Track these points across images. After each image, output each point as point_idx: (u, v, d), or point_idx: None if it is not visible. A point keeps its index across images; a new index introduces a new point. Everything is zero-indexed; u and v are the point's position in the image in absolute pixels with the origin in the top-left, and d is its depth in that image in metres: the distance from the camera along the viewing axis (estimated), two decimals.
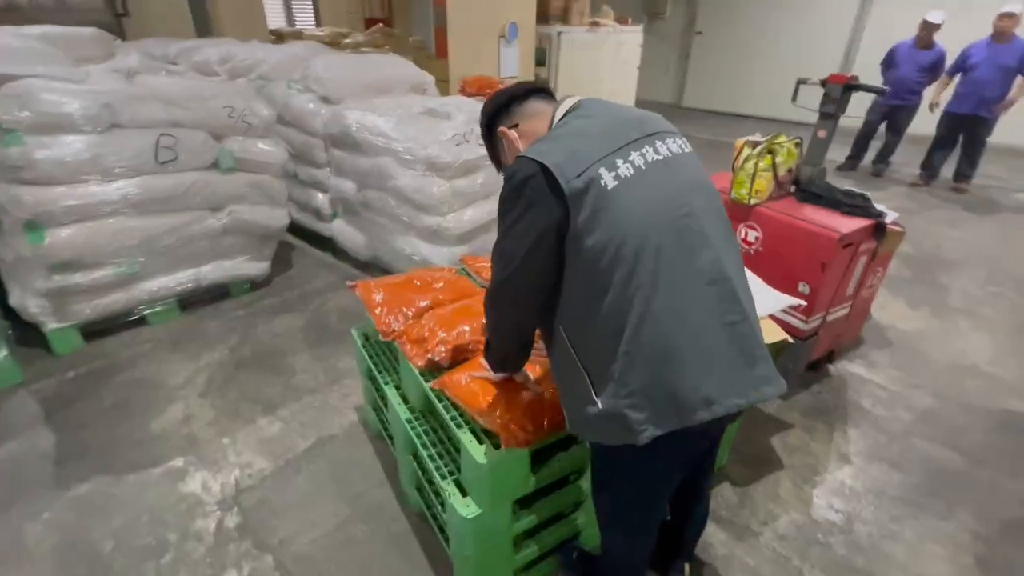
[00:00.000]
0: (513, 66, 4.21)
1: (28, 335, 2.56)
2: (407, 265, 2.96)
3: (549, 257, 0.98)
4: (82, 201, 2.34)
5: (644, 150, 0.99)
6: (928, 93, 5.19)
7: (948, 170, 5.37)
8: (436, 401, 1.42)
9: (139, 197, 2.48)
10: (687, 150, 1.07)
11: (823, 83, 2.25)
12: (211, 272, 2.91)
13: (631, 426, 0.96)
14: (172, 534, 1.73)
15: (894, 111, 5.36)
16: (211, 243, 2.84)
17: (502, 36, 3.98)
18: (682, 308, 0.94)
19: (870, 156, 5.82)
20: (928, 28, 4.99)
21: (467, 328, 1.53)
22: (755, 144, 2.21)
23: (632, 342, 0.94)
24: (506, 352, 1.26)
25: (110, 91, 2.39)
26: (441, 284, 1.85)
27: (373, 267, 3.33)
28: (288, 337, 2.77)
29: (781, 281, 2.17)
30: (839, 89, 2.18)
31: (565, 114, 1.08)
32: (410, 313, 1.68)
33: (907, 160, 5.95)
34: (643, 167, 0.97)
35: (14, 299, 2.45)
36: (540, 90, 1.17)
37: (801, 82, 2.38)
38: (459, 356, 1.50)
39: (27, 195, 2.23)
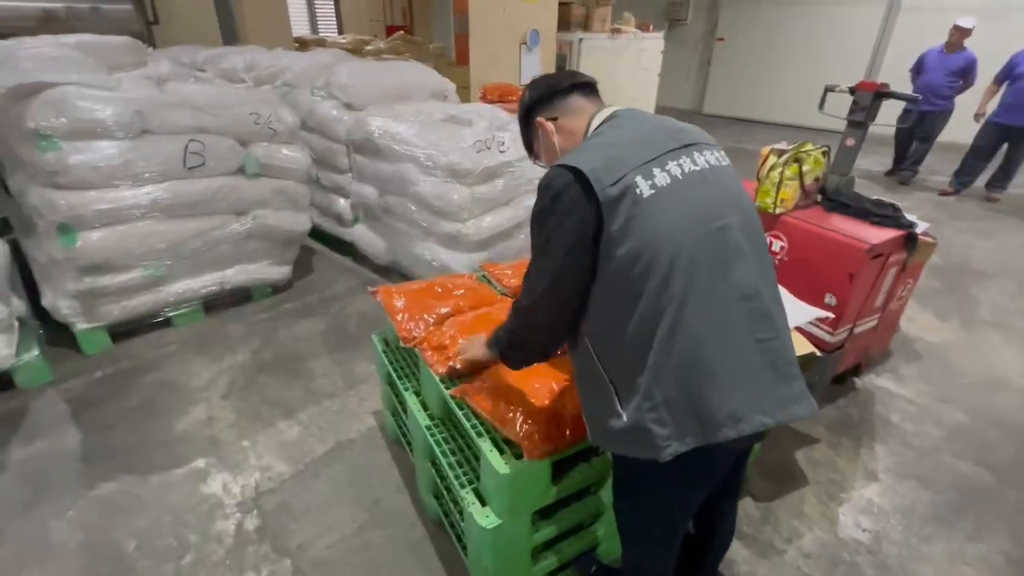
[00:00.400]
0: (534, 72, 4.21)
1: (59, 335, 2.63)
2: (426, 270, 2.98)
3: (584, 266, 0.97)
4: (113, 205, 2.40)
5: (682, 160, 0.98)
6: (960, 100, 5.08)
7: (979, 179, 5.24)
8: (456, 409, 1.41)
9: (167, 201, 2.53)
10: (724, 163, 1.06)
11: (852, 90, 2.21)
12: (235, 276, 2.95)
13: (655, 441, 0.94)
14: (193, 535, 1.75)
15: (924, 117, 5.26)
16: (235, 247, 2.88)
17: (523, 43, 3.99)
18: (713, 321, 0.93)
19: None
20: (959, 33, 4.89)
21: None
22: (781, 152, 2.17)
23: (661, 353, 0.92)
24: (525, 359, 1.21)
25: (141, 98, 2.45)
26: (462, 291, 1.85)
27: (392, 272, 3.35)
28: (308, 341, 2.79)
29: (807, 292, 2.13)
30: (869, 97, 2.14)
31: (601, 123, 1.08)
32: (431, 320, 1.68)
33: (934, 168, 5.82)
34: (680, 177, 0.96)
35: (46, 300, 2.51)
36: (584, 85, 1.16)
37: (829, 89, 2.34)
38: (479, 364, 1.49)
39: (61, 199, 2.29)
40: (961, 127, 5.24)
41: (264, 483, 1.95)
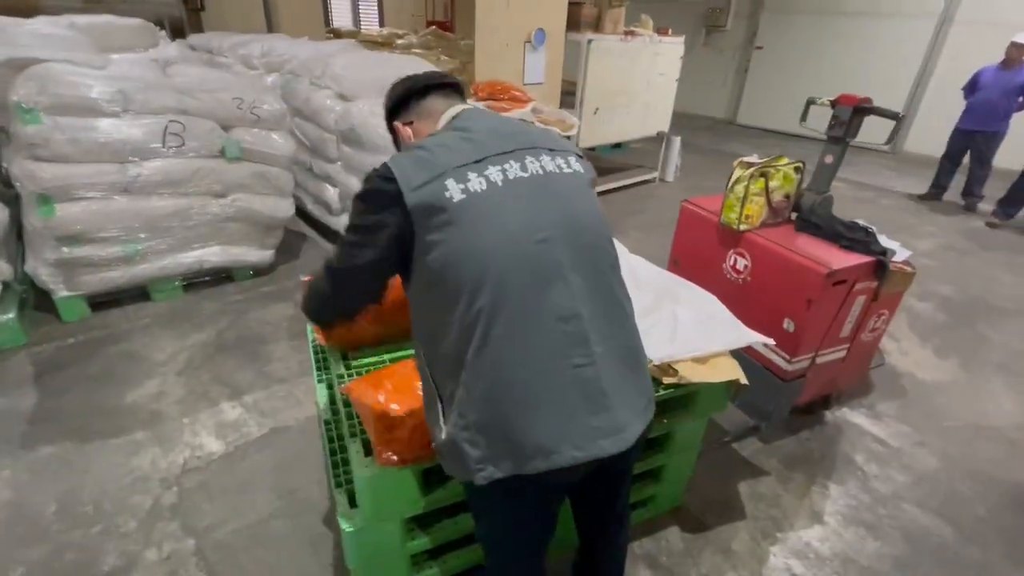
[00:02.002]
0: (539, 72, 4.15)
1: (45, 301, 2.75)
2: None
3: (384, 263, 0.94)
4: (91, 180, 2.49)
5: (506, 165, 0.91)
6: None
7: None
8: (342, 405, 1.39)
9: (146, 179, 2.61)
10: (569, 170, 0.97)
11: (833, 104, 2.07)
12: (214, 255, 3.02)
13: (467, 463, 0.89)
14: (109, 505, 1.79)
15: (975, 138, 4.93)
16: (215, 228, 2.95)
17: (528, 41, 3.93)
18: (523, 343, 0.86)
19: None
20: (1017, 50, 4.56)
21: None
22: (749, 165, 2.05)
23: (471, 371, 0.87)
24: (318, 313, 1.15)
25: (125, 78, 2.53)
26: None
27: None
28: (274, 325, 2.83)
29: (766, 315, 2.01)
30: (848, 112, 2.00)
31: (449, 122, 1.03)
32: None
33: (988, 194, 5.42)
34: (500, 184, 0.89)
35: (28, 266, 2.63)
36: (442, 85, 1.11)
37: (811, 102, 2.20)
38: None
39: (41, 171, 2.39)
40: (1009, 151, 4.88)
41: (192, 461, 1.98)
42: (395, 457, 1.14)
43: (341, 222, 3.49)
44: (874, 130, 2.30)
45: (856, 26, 7.45)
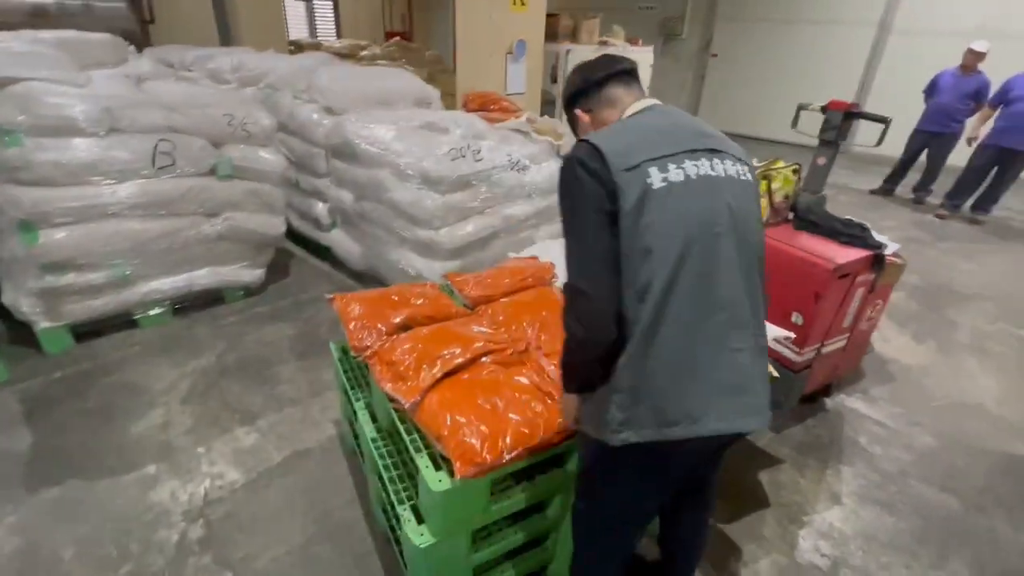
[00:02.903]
0: (520, 82, 4.22)
1: (21, 334, 2.58)
2: (401, 278, 2.94)
3: (607, 232, 0.96)
4: (78, 203, 2.37)
5: (699, 162, 1.00)
6: (969, 124, 5.11)
7: None
8: (399, 422, 1.38)
9: (135, 201, 2.50)
10: (744, 178, 1.06)
11: (823, 109, 2.20)
12: (204, 277, 2.91)
13: (608, 424, 0.98)
14: (134, 544, 1.70)
15: (934, 139, 5.29)
16: (206, 248, 2.85)
17: (509, 53, 3.99)
18: (690, 323, 0.95)
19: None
20: (974, 56, 4.92)
21: (445, 354, 1.46)
22: None
23: (637, 342, 0.95)
24: (578, 362, 1.05)
25: (111, 96, 2.43)
26: (421, 301, 1.82)
27: (368, 278, 3.31)
28: (276, 346, 2.75)
29: (773, 311, 2.10)
30: (839, 116, 2.13)
31: (636, 112, 1.10)
32: (384, 330, 1.64)
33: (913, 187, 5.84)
34: (693, 178, 0.98)
35: (7, 297, 2.47)
36: (621, 72, 1.16)
37: (802, 108, 2.34)
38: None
39: (23, 196, 2.26)
40: (956, 151, 5.27)
41: (214, 491, 1.91)
42: (477, 469, 1.15)
43: (331, 237, 3.43)
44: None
45: (803, 33, 7.89)
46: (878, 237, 2.18)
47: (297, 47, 8.20)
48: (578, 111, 1.20)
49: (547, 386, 1.40)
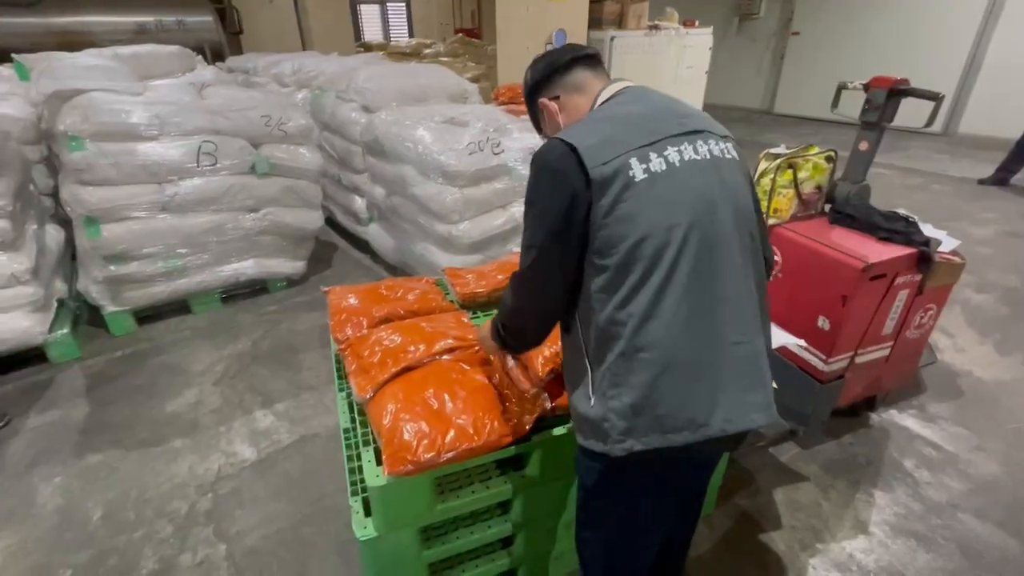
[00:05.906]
0: None
1: (96, 316, 2.92)
2: (428, 271, 2.99)
3: (573, 240, 0.93)
4: (134, 200, 2.63)
5: (682, 147, 0.93)
6: None
7: None
8: (358, 415, 1.40)
9: (183, 198, 2.73)
10: (730, 156, 0.98)
11: (866, 87, 1.95)
12: (249, 268, 3.13)
13: (609, 434, 0.92)
14: (150, 511, 1.87)
15: None
16: (249, 242, 3.06)
17: (548, 43, 3.91)
18: (688, 317, 0.89)
19: None
20: None
21: (410, 350, 1.47)
22: (775, 156, 1.96)
23: (631, 341, 0.89)
24: (520, 338, 1.13)
25: (161, 102, 2.66)
26: (412, 295, 1.83)
27: (401, 272, 3.40)
28: (307, 335, 2.90)
29: (799, 313, 1.92)
30: (883, 95, 1.88)
31: (607, 99, 1.03)
32: (365, 323, 1.67)
33: None
34: (677, 165, 0.91)
35: (80, 284, 2.80)
36: (585, 57, 1.11)
37: (843, 87, 2.08)
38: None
39: (87, 194, 2.54)
40: None
41: (225, 468, 2.05)
42: (407, 467, 1.14)
43: (369, 232, 3.56)
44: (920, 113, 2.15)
45: (898, 4, 7.05)
46: (932, 232, 1.90)
47: (365, 48, 8.56)
48: (544, 99, 1.12)
49: (506, 387, 1.36)
